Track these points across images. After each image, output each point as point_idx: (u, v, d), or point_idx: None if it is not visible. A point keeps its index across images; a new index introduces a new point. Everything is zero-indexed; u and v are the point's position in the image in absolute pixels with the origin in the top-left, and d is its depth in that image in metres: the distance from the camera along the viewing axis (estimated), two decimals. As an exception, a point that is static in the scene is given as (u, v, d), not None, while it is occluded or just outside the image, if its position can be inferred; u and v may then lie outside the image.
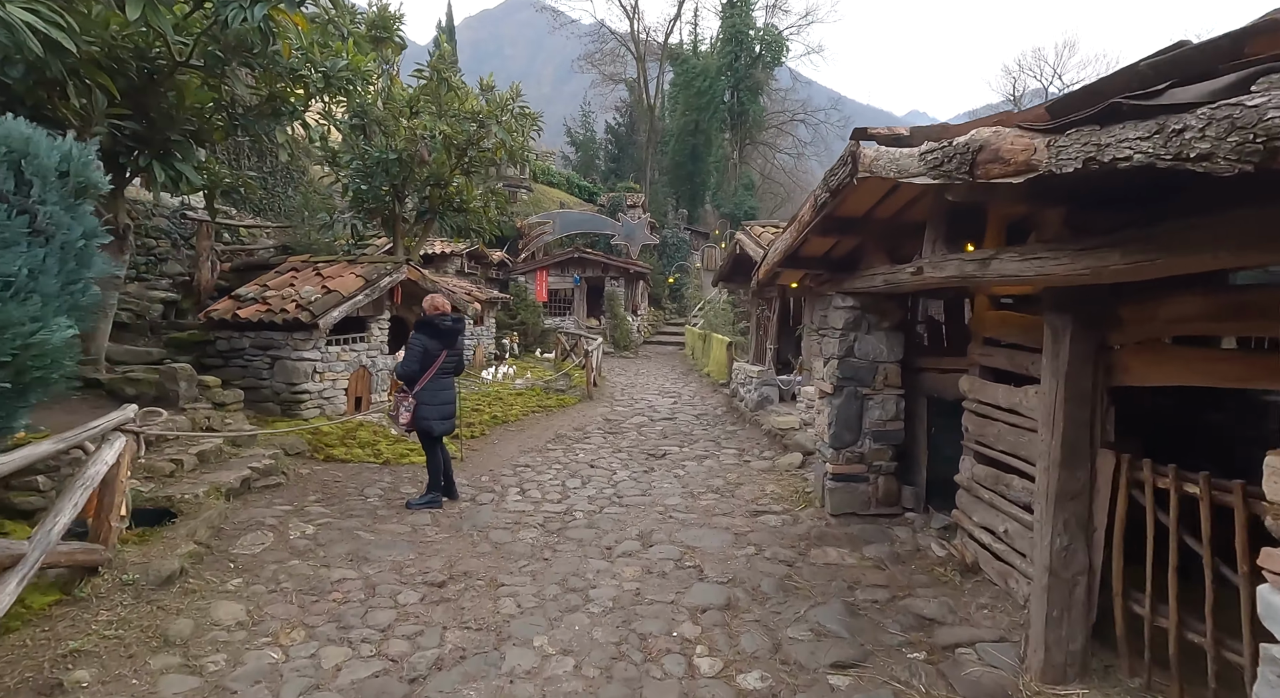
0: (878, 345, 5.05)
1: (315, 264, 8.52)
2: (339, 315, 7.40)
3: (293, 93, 6.58)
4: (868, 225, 4.49)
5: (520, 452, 7.63)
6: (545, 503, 5.70)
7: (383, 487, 5.91)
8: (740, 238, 9.08)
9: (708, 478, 6.62)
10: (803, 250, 5.05)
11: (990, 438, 3.84)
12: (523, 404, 10.13)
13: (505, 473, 6.66)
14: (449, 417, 5.53)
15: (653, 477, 6.65)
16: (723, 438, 8.60)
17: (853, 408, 5.07)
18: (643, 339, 22.42)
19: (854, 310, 5.03)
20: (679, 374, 16.21)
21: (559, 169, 32.84)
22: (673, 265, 26.29)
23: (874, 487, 5.11)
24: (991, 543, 3.74)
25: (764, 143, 39.75)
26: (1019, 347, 3.57)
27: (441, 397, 5.43)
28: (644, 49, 36.76)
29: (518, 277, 20.45)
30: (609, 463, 7.18)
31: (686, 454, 7.68)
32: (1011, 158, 2.10)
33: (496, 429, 8.66)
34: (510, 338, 17.64)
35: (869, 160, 3.35)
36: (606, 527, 5.08)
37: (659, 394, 12.67)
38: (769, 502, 5.76)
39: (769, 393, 9.48)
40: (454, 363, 5.58)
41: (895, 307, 5.10)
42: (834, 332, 5.16)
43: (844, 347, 5.04)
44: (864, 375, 5.05)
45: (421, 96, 8.79)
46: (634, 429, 9.16)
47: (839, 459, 5.09)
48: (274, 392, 7.33)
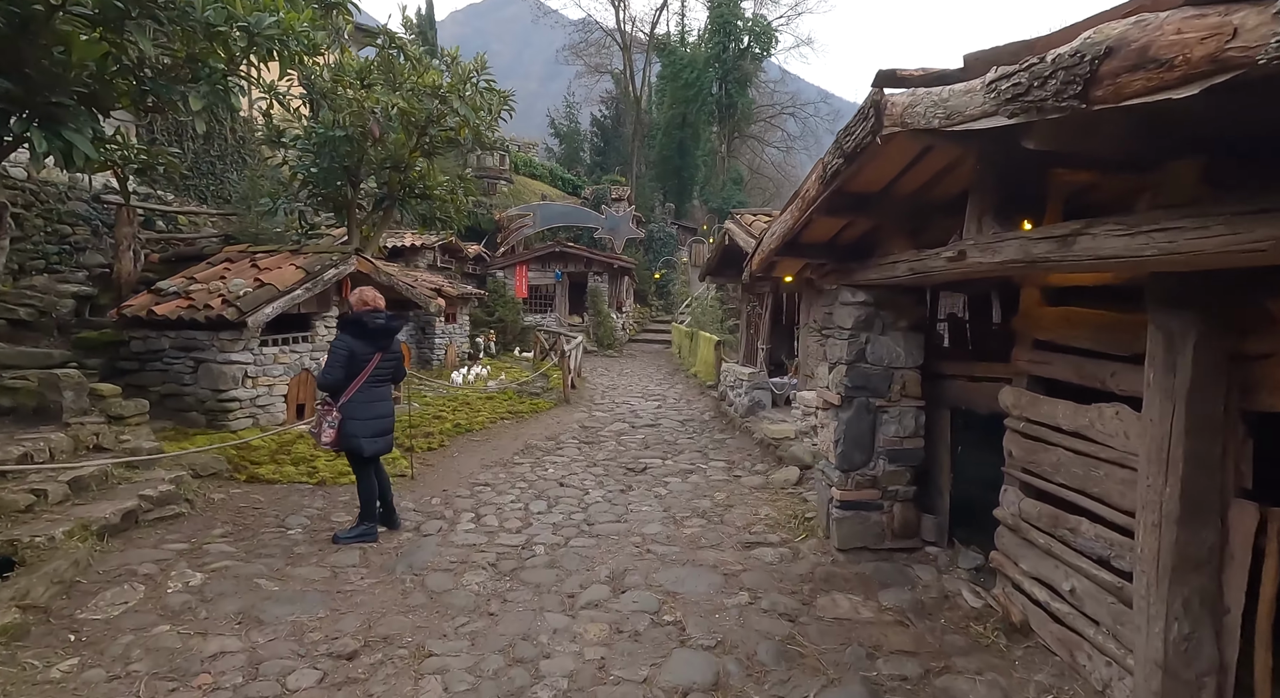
0: (893, 349, 4.25)
1: (253, 255, 7.59)
2: (273, 312, 6.48)
3: (212, 53, 5.64)
4: (886, 203, 3.68)
5: (482, 467, 6.76)
6: (502, 533, 4.84)
7: (310, 514, 5.03)
8: (730, 228, 8.26)
9: (693, 498, 5.80)
10: (804, 235, 4.23)
11: (1046, 467, 3.04)
12: (491, 410, 9.25)
13: (461, 494, 5.79)
14: (384, 433, 4.66)
15: (630, 497, 5.82)
16: (710, 448, 7.79)
17: (864, 423, 4.26)
18: (628, 337, 21.58)
19: (866, 307, 4.23)
20: (664, 375, 15.40)
21: (542, 161, 31.81)
22: (659, 261, 25.44)
23: (889, 516, 4.31)
24: (1049, 601, 2.95)
25: (752, 136, 39.00)
26: (1092, 353, 2.78)
27: (374, 409, 4.56)
28: (630, 39, 35.80)
29: (496, 272, 19.51)
30: (581, 480, 6.34)
31: (670, 468, 6.86)
32: (1178, 54, 1.28)
33: (458, 440, 7.78)
34: (487, 336, 16.73)
35: (899, 109, 2.53)
36: (571, 565, 4.24)
37: (642, 397, 11.84)
38: (764, 529, 4.95)
39: (761, 397, 8.68)
40: (389, 369, 4.71)
41: (913, 303, 4.30)
42: (841, 333, 4.35)
43: (853, 350, 4.24)
44: (877, 384, 4.25)
45: (374, 67, 7.87)
46: (613, 438, 8.32)
47: (847, 483, 4.28)
48: (198, 400, 6.40)
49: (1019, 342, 3.36)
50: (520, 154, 28.40)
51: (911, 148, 3.04)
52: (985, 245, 2.68)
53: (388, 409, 4.71)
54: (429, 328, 13.51)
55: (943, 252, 2.99)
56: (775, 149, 39.26)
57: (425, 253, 15.74)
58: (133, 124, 9.31)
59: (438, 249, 16.26)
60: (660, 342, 21.35)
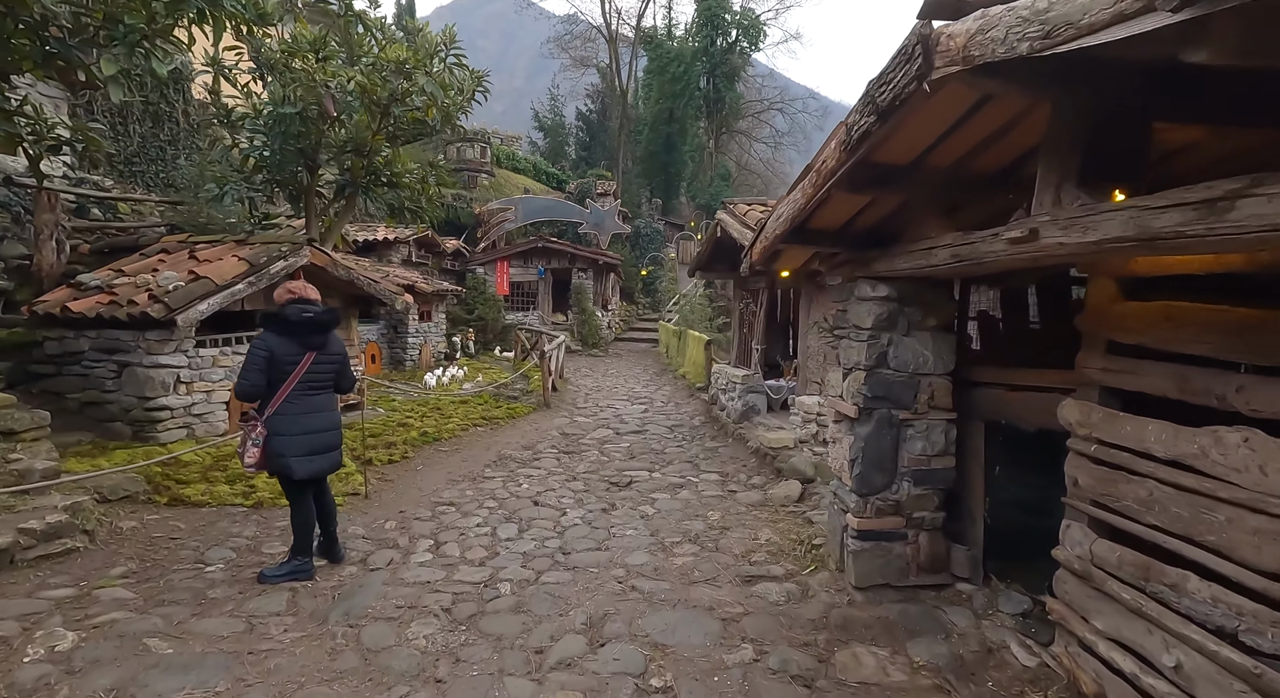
0: (920, 352, 3.62)
1: (194, 245, 6.82)
2: (208, 309, 5.73)
3: (130, 11, 4.88)
4: (919, 176, 3.05)
5: (448, 482, 6.06)
6: (463, 566, 4.16)
7: (238, 545, 4.31)
8: (722, 218, 7.62)
9: (684, 518, 5.16)
10: (816, 218, 3.58)
11: (1130, 503, 2.42)
12: (464, 415, 8.53)
13: (421, 516, 5.10)
14: (324, 450, 3.94)
15: (613, 518, 5.16)
16: (701, 458, 7.14)
17: (885, 439, 3.63)
18: (613, 336, 20.90)
19: (888, 303, 3.59)
20: (651, 376, 14.75)
21: (525, 155, 30.98)
22: (646, 257, 24.77)
23: (914, 548, 3.68)
24: (1138, 674, 2.33)
25: (740, 132, 38.44)
26: (1204, 361, 2.15)
27: (307, 422, 3.85)
28: (615, 32, 35.05)
29: (476, 268, 18.74)
30: (559, 498, 5.66)
31: (658, 482, 6.20)
32: None
33: (424, 451, 7.06)
34: (465, 336, 15.98)
35: (960, 41, 1.90)
36: (542, 609, 3.57)
37: (628, 400, 11.18)
38: (766, 559, 4.31)
39: (755, 402, 8.06)
40: (328, 373, 4.00)
41: (944, 298, 3.68)
42: (858, 333, 3.72)
43: (873, 354, 3.60)
44: (901, 394, 3.62)
45: (330, 39, 7.12)
46: (595, 446, 7.65)
47: (866, 509, 3.65)
48: (123, 408, 5.65)
49: (1087, 345, 2.74)
50: (502, 147, 27.59)
51: (965, 98, 2.41)
52: (1070, 221, 2.05)
53: (327, 422, 3.99)
54: (401, 327, 12.76)
55: (1004, 232, 2.36)
56: (764, 144, 38.73)
57: (399, 247, 14.96)
58: (64, 101, 8.48)
59: (413, 244, 15.48)
60: (647, 341, 20.70)
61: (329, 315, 3.98)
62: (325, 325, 3.96)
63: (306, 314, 3.85)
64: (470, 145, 22.50)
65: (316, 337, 3.92)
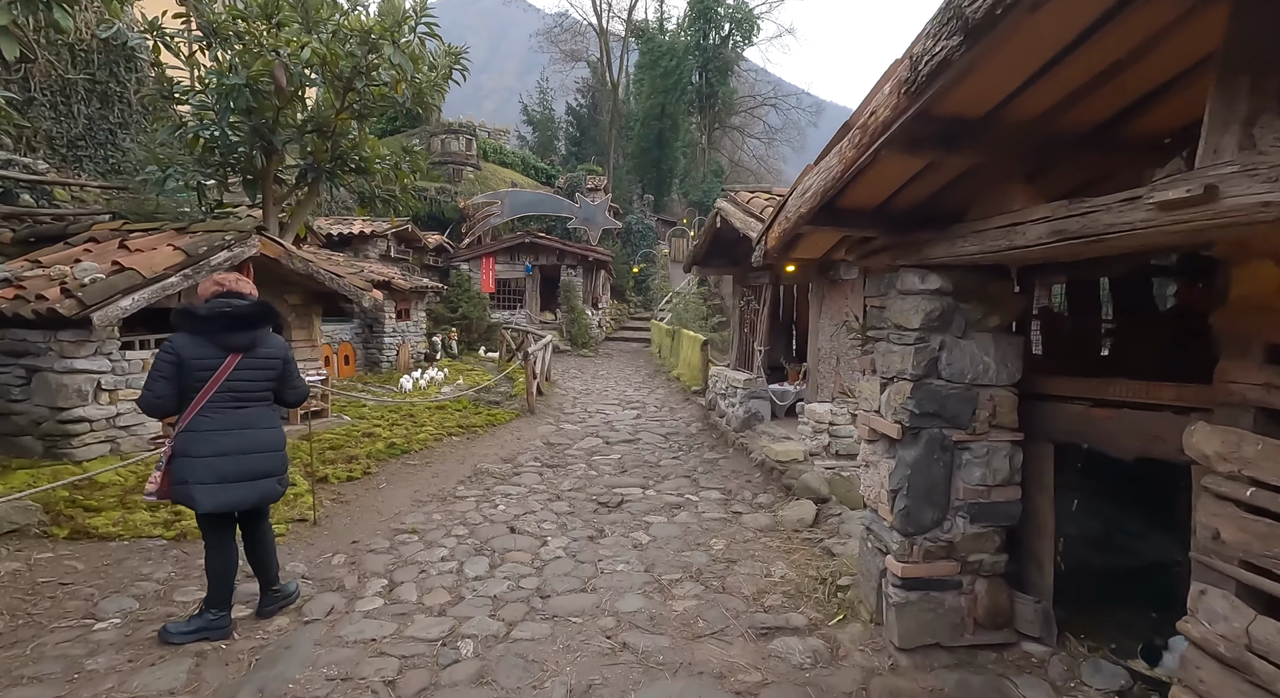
0: (979, 358, 2.93)
1: (128, 234, 6.03)
2: (132, 305, 4.96)
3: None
4: (996, 133, 2.35)
5: (414, 503, 5.32)
6: (419, 616, 3.43)
7: (145, 591, 3.55)
8: (723, 207, 6.92)
9: (683, 548, 4.45)
10: (850, 192, 2.88)
11: (1317, 574, 1.73)
12: (439, 423, 7.79)
13: (376, 547, 4.36)
14: (250, 477, 3.19)
15: (602, 548, 4.44)
16: (700, 472, 6.44)
17: (937, 466, 2.94)
18: (604, 335, 20.16)
19: (940, 298, 2.90)
20: (644, 377, 14.03)
21: (513, 149, 30.15)
22: (637, 254, 24.04)
23: (970, 598, 3.00)
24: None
25: (733, 127, 37.81)
26: None
27: (222, 441, 3.11)
28: (606, 24, 34.29)
29: (460, 264, 17.95)
30: (539, 522, 4.94)
31: (652, 502, 5.49)
32: None
33: (390, 465, 6.31)
34: (448, 335, 15.21)
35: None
36: (511, 679, 2.86)
37: (619, 404, 10.46)
38: (782, 602, 3.61)
39: (758, 408, 7.37)
40: (259, 381, 3.26)
41: (1008, 290, 3.00)
42: (900, 335, 3.02)
43: (921, 361, 2.91)
44: (955, 410, 2.93)
45: (284, 3, 6.35)
46: (582, 458, 6.93)
47: (912, 552, 2.96)
48: (33, 421, 4.87)
49: (1231, 351, 2.05)
50: (489, 140, 26.76)
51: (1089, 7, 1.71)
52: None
53: (256, 441, 3.24)
54: (377, 326, 11.99)
55: (1152, 193, 1.66)
56: (757, 140, 38.12)
57: (377, 242, 14.16)
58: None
59: (392, 238, 14.68)
60: (639, 340, 19.99)
61: (257, 310, 3.24)
62: (250, 322, 3.21)
63: (225, 309, 3.11)
64: (455, 137, 21.68)
65: (239, 335, 3.18)
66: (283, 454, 3.36)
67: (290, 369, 3.40)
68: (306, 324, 7.42)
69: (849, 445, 6.14)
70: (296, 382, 3.44)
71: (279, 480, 3.34)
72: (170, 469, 3.06)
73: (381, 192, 8.57)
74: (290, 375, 3.40)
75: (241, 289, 3.31)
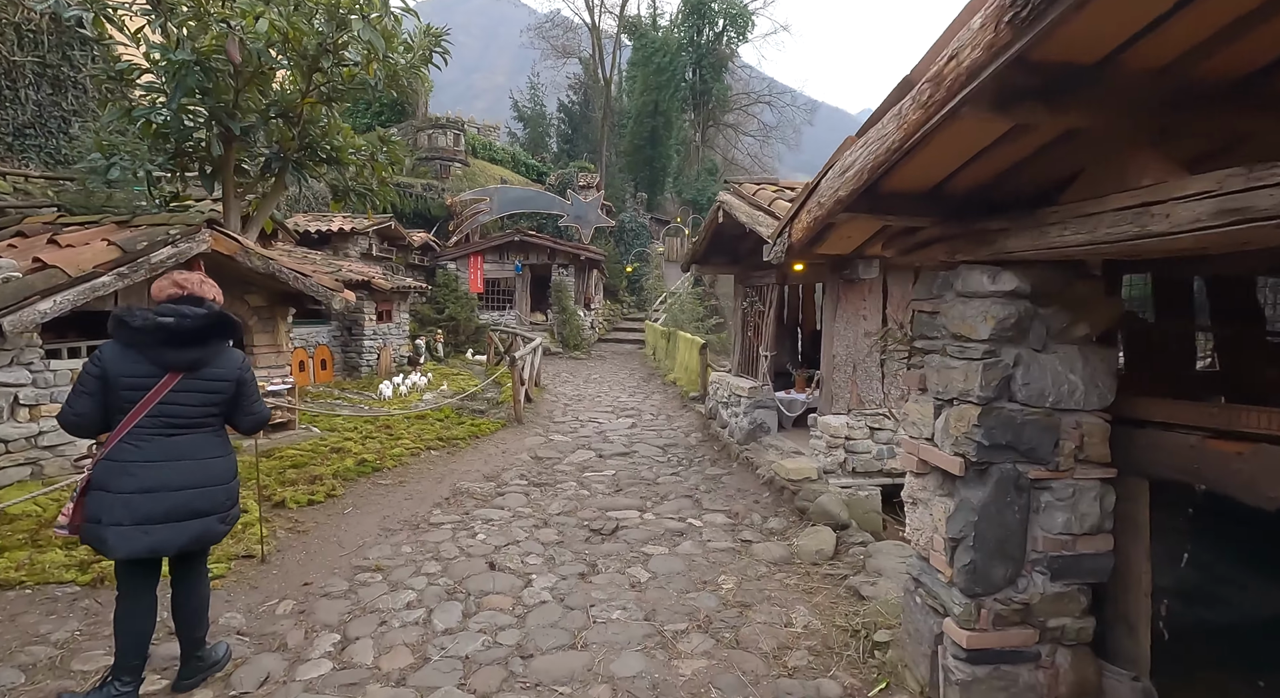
0: (1064, 376, 2.36)
1: (60, 228, 5.38)
2: (54, 308, 4.32)
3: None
4: (1113, 84, 1.78)
5: (382, 532, 4.71)
6: (372, 687, 2.83)
7: (37, 657, 2.93)
8: (726, 201, 6.35)
9: (688, 588, 3.87)
10: (900, 172, 2.31)
11: None
12: (417, 435, 7.17)
13: (332, 591, 3.75)
14: (178, 518, 2.58)
15: (594, 589, 3.85)
16: (703, 490, 5.86)
17: (1010, 510, 2.37)
18: (596, 337, 19.55)
19: (1016, 302, 2.33)
20: (638, 381, 13.44)
21: (503, 145, 29.47)
22: (631, 253, 23.44)
23: (1050, 673, 2.43)
24: None
25: (728, 125, 37.28)
26: None
27: (147, 475, 2.55)
28: (599, 17, 33.65)
29: (446, 263, 17.29)
30: (523, 555, 4.34)
31: (651, 528, 4.90)
32: None
33: (359, 485, 5.68)
34: (434, 337, 14.58)
35: None
36: (479, 782, 2.26)
37: (612, 412, 9.86)
38: (809, 662, 3.04)
39: (764, 419, 6.80)
40: (201, 406, 2.68)
41: (1098, 291, 2.43)
42: (962, 347, 2.45)
43: (991, 379, 2.33)
44: (1033, 440, 2.36)
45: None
46: (573, 475, 6.33)
47: (980, 617, 2.38)
48: (-63, 442, 4.21)
49: None
50: (479, 136, 26.09)
51: None
52: None
53: (191, 476, 2.63)
54: (357, 328, 11.34)
55: None
56: (751, 138, 37.60)
57: (358, 240, 13.49)
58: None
59: (373, 235, 14.02)
60: (632, 342, 19.40)
61: (204, 324, 2.64)
62: (195, 336, 2.62)
63: (160, 321, 2.53)
64: (442, 132, 21.00)
65: (179, 353, 2.61)
66: (229, 488, 2.76)
67: (246, 391, 2.80)
68: (271, 328, 6.79)
69: (867, 462, 5.58)
70: (253, 406, 2.84)
71: (221, 518, 2.74)
72: (86, 504, 2.49)
73: (357, 184, 7.93)
74: (245, 398, 2.80)
75: (204, 293, 2.75)
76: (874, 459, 5.60)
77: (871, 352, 5.65)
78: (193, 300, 2.69)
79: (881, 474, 5.65)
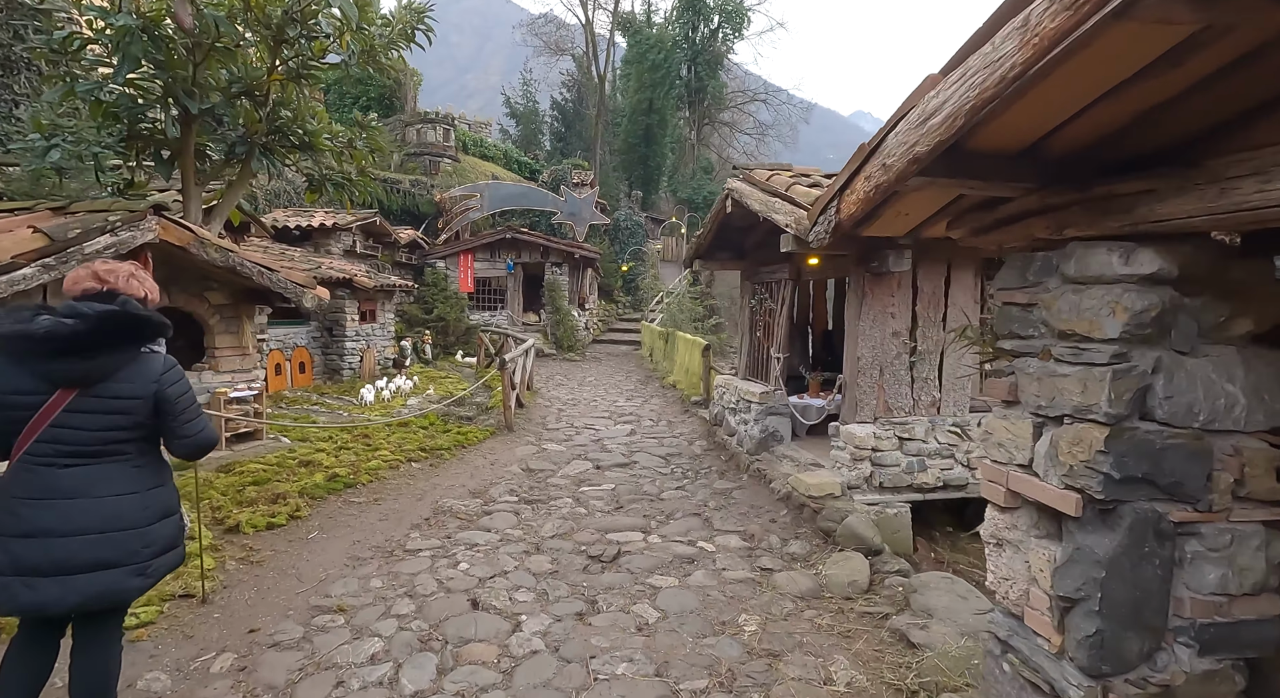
0: (1218, 387, 1.80)
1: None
2: (-40, 306, 3.68)
3: None
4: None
5: (350, 561, 4.10)
6: (317, 780, 2.24)
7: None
8: (736, 188, 5.78)
9: (704, 631, 3.29)
10: (1006, 116, 1.75)
11: None
12: (397, 445, 6.56)
13: (282, 640, 3.14)
14: (65, 572, 2.01)
15: (594, 633, 3.27)
16: (713, 506, 5.28)
17: (1147, 564, 1.81)
18: (591, 338, 18.96)
19: (1155, 290, 1.78)
20: (635, 384, 12.85)
21: (495, 142, 28.83)
22: (626, 251, 22.85)
23: (1195, 774, 1.86)
24: None
25: (723, 123, 36.79)
26: None
27: (34, 517, 2.02)
28: (592, 13, 33.09)
29: (435, 261, 16.66)
30: (511, 590, 3.74)
31: (657, 553, 4.32)
32: None
33: (329, 504, 5.07)
34: (422, 338, 13.95)
35: None
36: None
37: (609, 417, 9.27)
38: (862, 739, 2.46)
39: (777, 427, 6.23)
40: (106, 429, 2.10)
41: (1260, 276, 1.86)
42: (1076, 350, 1.89)
43: (1123, 392, 1.77)
44: (1179, 471, 1.79)
45: (195, -72, 5.13)
46: (569, 489, 5.74)
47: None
48: None
49: None
50: (469, 133, 25.45)
51: None
52: None
53: (88, 518, 2.05)
54: (338, 329, 10.71)
55: None
56: (748, 136, 37.12)
57: (341, 236, 12.85)
58: None
59: (357, 231, 13.38)
60: (628, 343, 18.82)
61: (93, 324, 2.04)
62: (84, 342, 2.02)
63: (62, 327, 1.97)
64: (432, 127, 20.35)
65: (66, 363, 2.04)
66: (147, 533, 2.15)
67: (170, 410, 2.16)
68: (235, 328, 6.17)
69: (896, 476, 5.02)
70: (184, 427, 2.19)
71: (136, 571, 2.13)
72: None
73: (334, 174, 7.32)
74: (170, 418, 2.17)
75: (130, 290, 2.17)
76: (903, 472, 5.05)
77: (900, 354, 5.09)
78: (105, 298, 2.11)
79: (911, 489, 5.10)
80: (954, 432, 5.17)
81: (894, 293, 5.04)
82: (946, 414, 5.25)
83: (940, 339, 5.22)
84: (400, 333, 13.50)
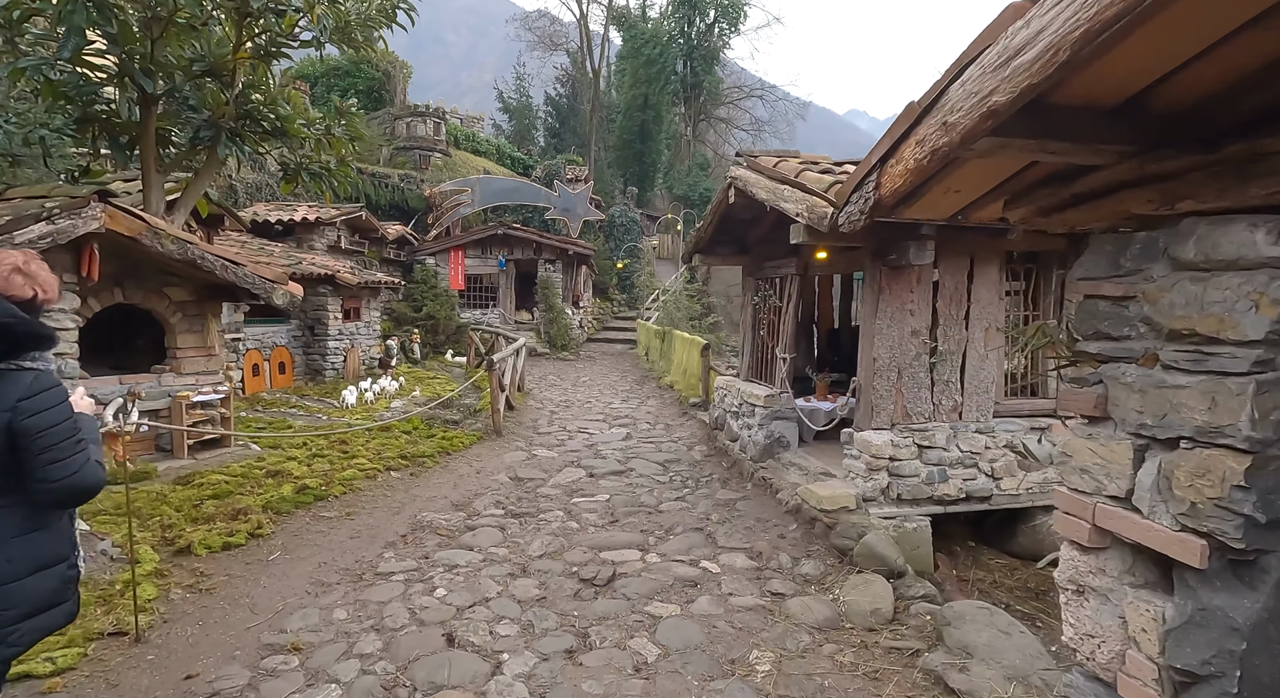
0: (1387, 403, 1.39)
1: (-88, 201, 4.28)
2: None
3: None
4: None
5: (313, 587, 3.67)
6: None
7: None
8: (740, 176, 5.37)
9: (711, 673, 2.88)
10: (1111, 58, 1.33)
11: None
12: (376, 452, 6.12)
13: (223, 687, 2.71)
14: None
15: (585, 675, 2.85)
16: (715, 520, 4.87)
17: (1298, 630, 1.39)
18: (585, 337, 18.52)
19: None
20: (631, 384, 12.43)
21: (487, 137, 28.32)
22: (621, 248, 22.41)
23: None
24: None
25: (719, 119, 36.39)
26: None
27: None
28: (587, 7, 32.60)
29: (425, 257, 16.19)
30: (493, 621, 3.32)
31: (657, 576, 3.90)
32: None
33: (295, 518, 4.63)
34: (411, 337, 13.49)
35: None
36: None
37: (604, 420, 8.85)
38: (906, 820, 2.05)
39: (783, 433, 5.82)
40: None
41: None
42: (1197, 355, 1.48)
43: (1266, 412, 1.36)
44: (1335, 511, 1.38)
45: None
46: (560, 501, 5.32)
47: (1238, 808, 1.40)
48: None
49: None
50: (461, 127, 24.94)
51: None
52: None
53: None
54: (320, 327, 10.24)
55: None
56: (744, 132, 36.72)
57: (325, 231, 12.36)
58: None
59: (342, 226, 12.90)
60: (623, 341, 18.39)
61: (26, 332, 1.59)
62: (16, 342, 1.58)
63: None
64: (422, 121, 19.85)
65: None
66: (8, 592, 1.65)
67: (28, 445, 1.63)
68: (199, 327, 5.71)
69: (915, 487, 4.62)
70: (45, 468, 1.64)
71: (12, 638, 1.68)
72: None
73: (310, 162, 6.86)
74: (29, 454, 1.64)
75: (8, 288, 1.69)
76: (923, 483, 4.65)
77: (920, 354, 4.69)
78: None
79: (931, 501, 4.70)
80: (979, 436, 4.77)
81: (913, 288, 4.64)
82: (969, 420, 4.85)
83: (963, 338, 4.82)
84: (388, 331, 13.04)
